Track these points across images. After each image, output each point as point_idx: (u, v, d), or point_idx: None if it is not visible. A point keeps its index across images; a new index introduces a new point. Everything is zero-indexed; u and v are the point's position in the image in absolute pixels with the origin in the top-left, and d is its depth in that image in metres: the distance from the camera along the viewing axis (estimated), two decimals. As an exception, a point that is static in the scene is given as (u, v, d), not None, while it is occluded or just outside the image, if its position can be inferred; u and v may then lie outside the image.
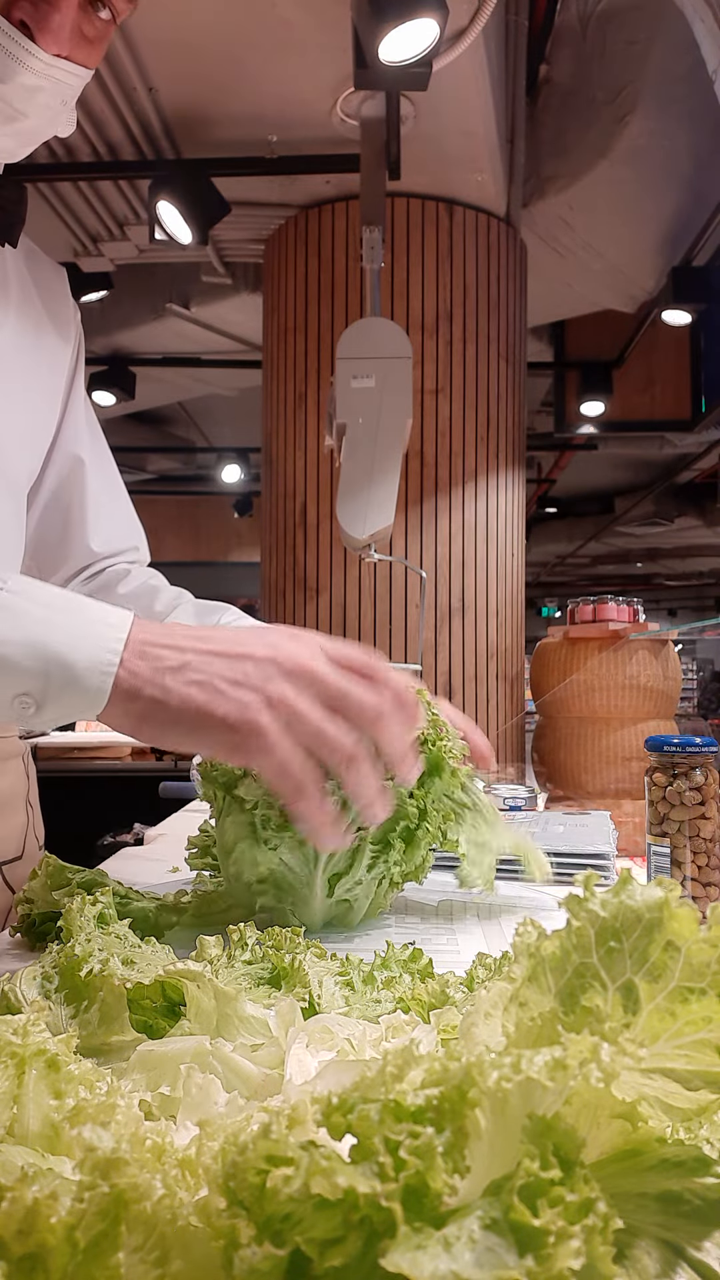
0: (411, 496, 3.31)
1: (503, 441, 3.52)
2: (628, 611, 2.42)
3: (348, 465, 2.05)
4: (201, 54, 2.72)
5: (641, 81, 3.25)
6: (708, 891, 0.97)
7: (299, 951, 0.63)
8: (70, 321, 1.14)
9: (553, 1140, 0.30)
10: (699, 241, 4.01)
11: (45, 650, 0.66)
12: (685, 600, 16.06)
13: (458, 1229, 0.28)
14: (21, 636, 0.66)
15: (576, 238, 3.90)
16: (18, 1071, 0.42)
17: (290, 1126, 0.30)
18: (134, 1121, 0.40)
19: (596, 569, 13.22)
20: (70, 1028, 0.56)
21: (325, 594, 3.35)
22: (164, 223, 3.08)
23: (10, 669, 0.66)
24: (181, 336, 4.93)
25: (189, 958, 0.63)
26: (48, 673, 0.66)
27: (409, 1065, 0.31)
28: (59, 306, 1.12)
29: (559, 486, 9.03)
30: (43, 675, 0.66)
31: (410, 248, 3.36)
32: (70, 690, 0.66)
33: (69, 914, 0.68)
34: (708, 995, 0.35)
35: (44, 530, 1.16)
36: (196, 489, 9.14)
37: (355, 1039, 0.52)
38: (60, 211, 3.51)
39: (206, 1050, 0.50)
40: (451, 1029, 0.52)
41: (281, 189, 3.36)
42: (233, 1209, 0.29)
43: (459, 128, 2.95)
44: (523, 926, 0.43)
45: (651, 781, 1.00)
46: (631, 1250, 0.33)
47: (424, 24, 2.07)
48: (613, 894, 0.38)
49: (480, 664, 3.40)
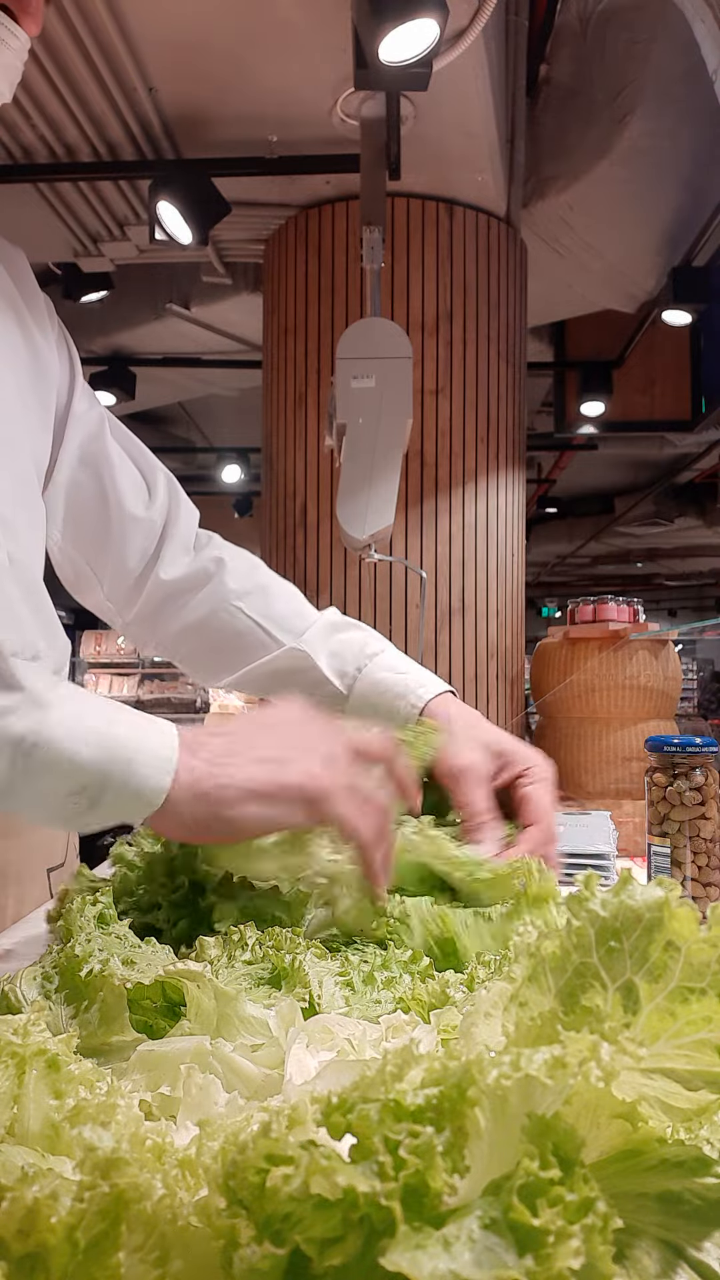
0: (411, 496, 3.30)
1: (503, 441, 3.52)
2: (628, 611, 2.43)
3: (348, 465, 2.05)
4: (202, 54, 2.72)
5: (641, 81, 3.25)
6: (708, 891, 0.97)
7: (299, 951, 0.63)
8: (42, 303, 1.09)
9: (552, 1140, 0.30)
10: (699, 241, 4.01)
11: (107, 744, 0.65)
12: (685, 600, 16.06)
13: (457, 1228, 0.28)
14: (83, 729, 0.65)
15: (576, 238, 3.90)
16: (18, 1071, 0.42)
17: (290, 1126, 0.30)
18: (134, 1121, 0.40)
19: (596, 569, 13.22)
20: (70, 1028, 0.56)
21: (325, 594, 3.35)
22: (164, 223, 3.08)
23: (66, 763, 0.65)
24: (181, 336, 4.93)
25: (189, 958, 0.63)
26: (107, 769, 0.65)
27: (409, 1065, 0.31)
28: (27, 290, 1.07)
29: (559, 486, 9.03)
30: (101, 771, 0.65)
31: (410, 248, 3.36)
32: (128, 787, 0.65)
33: (69, 914, 0.68)
34: (708, 995, 0.35)
35: (80, 498, 1.10)
36: (196, 489, 9.13)
37: (355, 1039, 0.52)
38: (60, 211, 3.51)
39: (206, 1050, 0.50)
40: (451, 1029, 0.52)
41: (281, 189, 3.36)
42: (233, 1208, 0.29)
43: (459, 128, 2.95)
44: (523, 926, 0.43)
45: (651, 781, 1.00)
46: (631, 1250, 0.33)
47: (424, 24, 2.07)
48: (613, 894, 0.38)
49: (480, 664, 3.40)
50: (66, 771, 0.65)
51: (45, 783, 0.65)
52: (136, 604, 1.12)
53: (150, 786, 0.66)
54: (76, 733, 0.65)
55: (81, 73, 2.77)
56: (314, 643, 1.04)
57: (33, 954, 0.83)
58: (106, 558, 1.11)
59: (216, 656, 1.10)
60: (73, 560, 1.12)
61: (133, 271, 4.25)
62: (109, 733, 0.66)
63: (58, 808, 0.66)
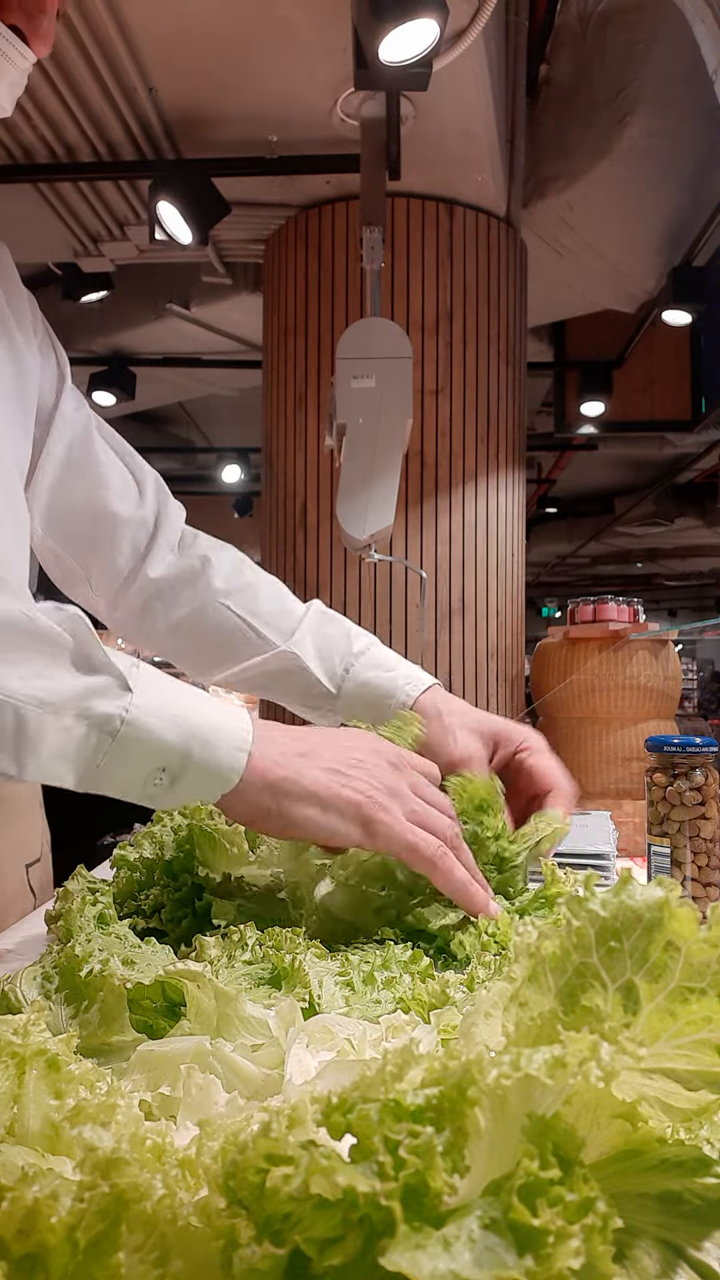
0: (411, 496, 3.30)
1: (503, 441, 3.52)
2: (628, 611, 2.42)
3: (348, 465, 2.05)
4: (202, 54, 2.72)
5: (641, 81, 3.25)
6: (708, 891, 0.97)
7: (299, 951, 0.63)
8: (25, 302, 1.08)
9: (552, 1140, 0.30)
10: (699, 241, 4.01)
11: (189, 724, 0.68)
12: (685, 600, 16.06)
13: (457, 1228, 0.28)
14: (168, 710, 0.68)
15: (576, 238, 3.90)
16: (18, 1071, 0.42)
17: (290, 1126, 0.30)
18: (134, 1121, 0.40)
19: (596, 569, 13.22)
20: (70, 1028, 0.56)
21: (325, 594, 3.34)
22: (164, 223, 3.08)
23: (153, 743, 0.67)
24: (181, 336, 4.93)
25: (189, 957, 0.63)
26: (188, 748, 0.67)
27: (409, 1065, 0.31)
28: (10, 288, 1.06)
29: (559, 486, 9.03)
30: (183, 751, 0.67)
31: (410, 248, 3.36)
32: (206, 766, 0.68)
33: (69, 914, 0.68)
34: (708, 995, 0.35)
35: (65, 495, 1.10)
36: (196, 489, 9.13)
37: (355, 1039, 0.52)
38: (60, 211, 3.51)
39: (206, 1050, 0.50)
40: (451, 1029, 0.52)
41: (281, 189, 3.36)
42: (232, 1208, 0.29)
43: (459, 128, 2.94)
44: (523, 926, 0.43)
45: (651, 781, 1.00)
46: (631, 1250, 0.33)
47: (424, 24, 2.07)
48: (613, 894, 0.38)
49: (480, 664, 3.40)
50: (152, 752, 0.67)
51: (131, 762, 0.67)
52: (124, 601, 1.13)
53: (227, 766, 0.69)
54: (162, 715, 0.67)
55: (81, 73, 2.77)
56: (304, 643, 1.06)
57: (33, 954, 0.83)
58: (95, 556, 1.12)
59: (206, 653, 1.12)
60: (59, 558, 1.13)
61: (133, 271, 4.25)
62: (191, 715, 0.68)
63: (140, 786, 0.69)
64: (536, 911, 0.76)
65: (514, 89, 3.21)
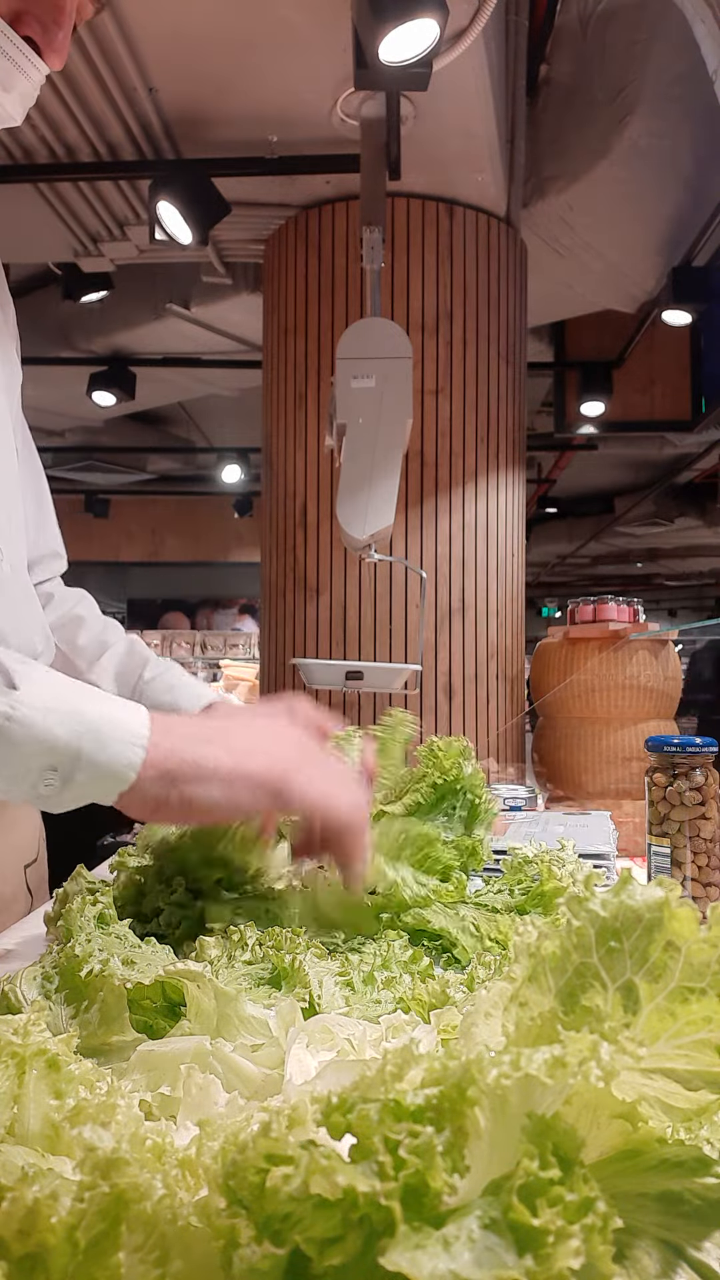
0: (411, 496, 3.30)
1: (503, 442, 3.52)
2: (628, 611, 2.42)
3: (348, 465, 2.05)
4: (202, 54, 2.72)
5: (641, 81, 3.24)
6: (708, 891, 0.97)
7: (299, 951, 0.63)
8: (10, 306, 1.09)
9: (552, 1140, 0.30)
10: (699, 241, 4.00)
11: (82, 718, 0.66)
12: (685, 600, 16.05)
13: (457, 1228, 0.28)
14: (58, 705, 0.66)
15: (576, 238, 3.90)
16: (18, 1071, 0.42)
17: (290, 1126, 0.30)
18: (134, 1121, 0.40)
19: (596, 569, 13.21)
20: (70, 1028, 0.56)
21: (325, 594, 3.35)
22: (164, 223, 3.08)
23: (41, 739, 0.65)
24: (182, 336, 4.93)
25: (189, 958, 0.63)
26: (79, 745, 0.65)
27: (408, 1065, 0.31)
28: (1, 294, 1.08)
29: (559, 486, 9.03)
30: (74, 748, 0.65)
31: (410, 248, 3.36)
32: (99, 763, 0.66)
33: (69, 914, 0.68)
34: (708, 995, 0.35)
35: None
36: (196, 489, 9.13)
37: (355, 1039, 0.52)
38: (60, 211, 3.51)
39: (206, 1050, 0.50)
40: (451, 1029, 0.52)
41: (281, 189, 3.36)
42: (232, 1208, 0.29)
43: (459, 128, 2.94)
44: (523, 926, 0.43)
45: (651, 781, 1.00)
46: (631, 1250, 0.33)
47: (424, 24, 2.07)
48: (613, 894, 0.38)
49: (480, 664, 3.40)
50: (40, 749, 0.65)
51: (19, 759, 0.65)
52: None
53: (123, 763, 0.66)
54: (51, 710, 0.65)
55: (82, 73, 2.77)
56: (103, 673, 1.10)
57: (33, 954, 0.83)
58: None
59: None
60: None
61: (133, 271, 4.25)
62: (85, 709, 0.66)
63: (32, 785, 0.66)
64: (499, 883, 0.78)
65: (514, 89, 3.21)
